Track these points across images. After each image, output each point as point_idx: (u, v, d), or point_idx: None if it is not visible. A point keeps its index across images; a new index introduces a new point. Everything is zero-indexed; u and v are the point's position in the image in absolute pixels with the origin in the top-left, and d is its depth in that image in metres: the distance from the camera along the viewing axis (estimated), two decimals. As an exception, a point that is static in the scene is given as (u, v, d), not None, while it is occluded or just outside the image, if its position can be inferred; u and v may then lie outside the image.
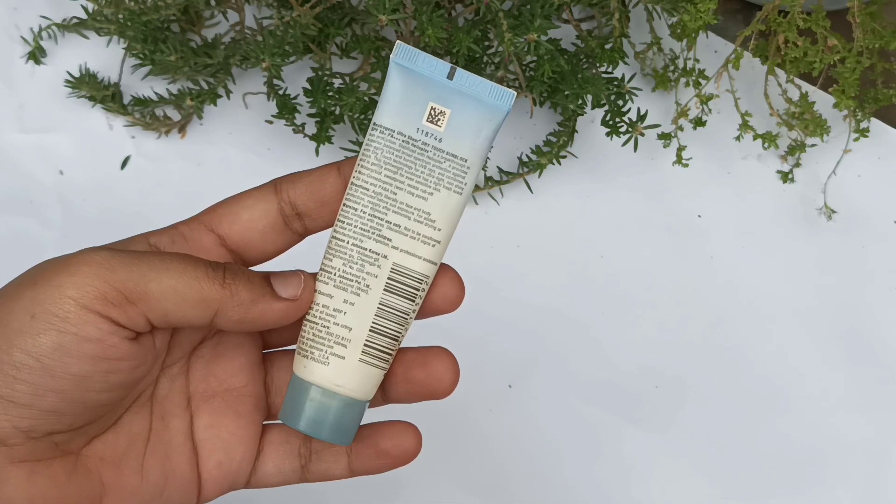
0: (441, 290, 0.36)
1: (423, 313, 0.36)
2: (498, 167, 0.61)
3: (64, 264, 0.31)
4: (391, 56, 0.35)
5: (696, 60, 0.61)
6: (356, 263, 0.35)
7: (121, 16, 0.60)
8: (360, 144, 0.58)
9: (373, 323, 0.35)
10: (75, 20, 0.63)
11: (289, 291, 0.34)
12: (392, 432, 0.37)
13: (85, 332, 0.31)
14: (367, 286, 0.35)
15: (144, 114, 0.62)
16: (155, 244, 0.35)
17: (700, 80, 0.60)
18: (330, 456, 0.37)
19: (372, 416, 0.37)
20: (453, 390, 0.36)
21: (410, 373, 0.36)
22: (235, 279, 0.33)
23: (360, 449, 0.37)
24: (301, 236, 0.36)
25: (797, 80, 0.60)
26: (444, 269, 0.36)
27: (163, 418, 0.35)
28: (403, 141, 0.35)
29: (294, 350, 0.36)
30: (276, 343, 0.38)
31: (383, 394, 0.37)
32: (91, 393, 0.32)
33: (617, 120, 0.57)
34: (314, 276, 0.35)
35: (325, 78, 0.58)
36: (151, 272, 0.32)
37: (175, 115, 0.63)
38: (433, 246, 0.35)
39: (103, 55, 0.64)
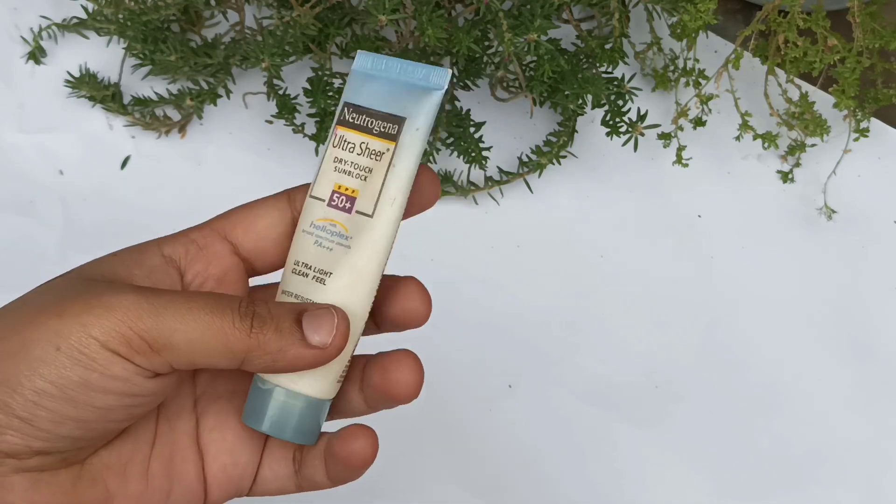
0: (404, 305, 0.35)
1: (387, 327, 0.36)
2: (498, 167, 0.61)
3: (91, 304, 0.31)
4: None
5: (696, 60, 0.61)
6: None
7: (121, 16, 0.60)
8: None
9: None
10: (75, 20, 0.63)
11: (320, 337, 0.33)
12: (345, 437, 0.35)
13: (111, 372, 0.31)
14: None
15: (144, 114, 0.62)
16: (169, 255, 0.34)
17: (700, 80, 0.60)
18: (315, 462, 0.36)
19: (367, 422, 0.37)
20: (416, 394, 0.35)
21: (372, 378, 0.35)
22: (264, 328, 0.32)
23: (329, 455, 0.36)
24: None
25: (797, 80, 0.60)
26: (408, 281, 0.35)
27: (169, 421, 0.35)
28: None
29: None
30: None
31: (365, 402, 0.36)
32: (111, 423, 0.32)
33: (617, 120, 0.57)
34: (345, 316, 0.34)
35: (325, 78, 0.58)
36: (177, 322, 0.31)
37: (175, 115, 0.63)
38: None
39: (103, 55, 0.64)
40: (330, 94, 0.57)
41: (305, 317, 0.33)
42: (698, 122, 0.60)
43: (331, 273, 0.34)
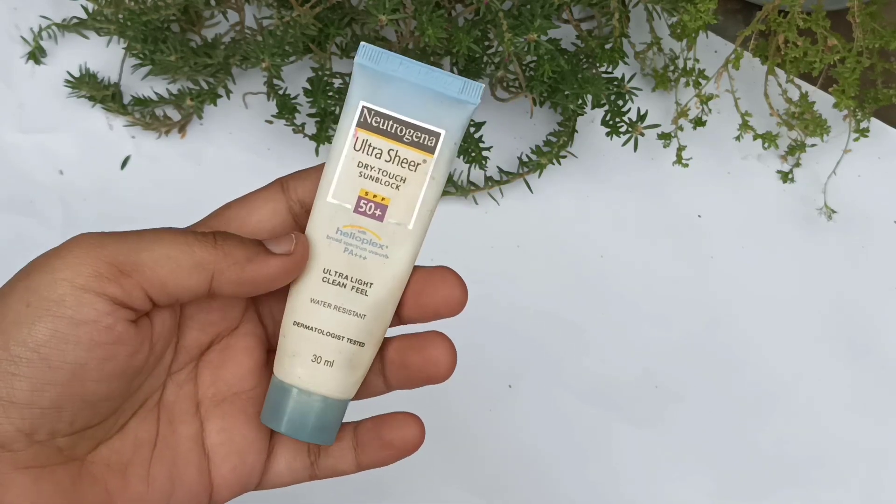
0: (442, 293, 0.35)
1: (424, 317, 0.36)
2: (498, 167, 0.61)
3: (55, 251, 0.31)
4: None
5: (696, 60, 0.61)
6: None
7: (121, 16, 0.60)
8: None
9: None
10: (75, 20, 0.63)
11: (282, 248, 0.34)
12: (395, 423, 0.36)
13: (81, 314, 0.30)
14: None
15: (144, 114, 0.62)
16: None
17: (700, 80, 0.60)
18: (337, 451, 0.37)
19: (375, 406, 0.38)
20: (451, 373, 0.36)
21: (407, 359, 0.36)
22: (226, 241, 0.33)
23: (365, 442, 0.37)
24: None
25: (797, 80, 0.60)
26: (444, 271, 0.36)
27: (170, 424, 0.35)
28: None
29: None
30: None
31: (385, 381, 0.37)
32: (89, 383, 0.31)
33: (617, 120, 0.57)
34: (302, 235, 0.35)
35: (325, 78, 0.58)
36: (142, 243, 0.32)
37: (175, 115, 0.63)
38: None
39: (103, 55, 0.64)
40: (330, 94, 0.57)
41: (265, 240, 0.34)
42: (698, 122, 0.60)
43: (371, 284, 0.35)
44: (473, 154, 0.59)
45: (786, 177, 0.62)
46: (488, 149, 0.59)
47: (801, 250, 0.61)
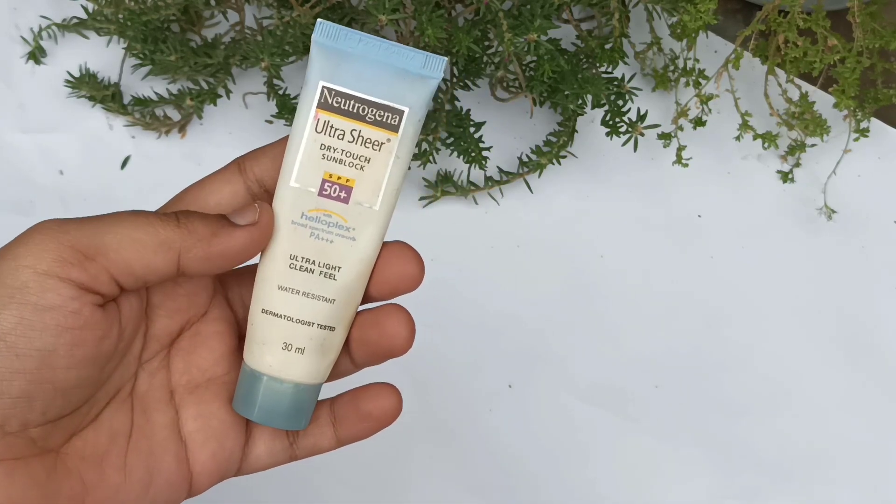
0: (396, 268, 0.35)
1: (382, 295, 0.36)
2: (498, 167, 0.61)
3: (17, 238, 0.31)
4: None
5: (696, 60, 0.61)
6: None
7: (121, 16, 0.60)
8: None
9: None
10: (75, 20, 0.63)
11: (247, 218, 0.33)
12: (371, 394, 0.36)
13: (46, 300, 0.30)
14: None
15: (144, 114, 0.62)
16: None
17: (700, 80, 0.60)
18: (315, 429, 0.37)
19: (352, 382, 0.37)
20: (410, 345, 0.35)
21: (366, 335, 0.35)
22: (189, 218, 0.33)
23: (343, 415, 0.36)
24: None
25: (797, 80, 0.60)
26: (397, 245, 0.35)
27: (145, 413, 0.35)
28: None
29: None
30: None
31: (351, 360, 0.37)
32: (59, 371, 0.31)
33: (617, 120, 0.57)
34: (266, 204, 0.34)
35: (325, 78, 0.58)
36: (105, 226, 0.31)
37: (175, 115, 0.63)
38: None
39: (103, 55, 0.64)
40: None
41: (228, 213, 0.34)
42: (698, 122, 0.60)
43: (340, 267, 0.34)
44: (473, 154, 0.59)
45: (786, 177, 0.62)
46: (488, 149, 0.59)
47: (801, 250, 0.61)
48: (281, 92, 0.59)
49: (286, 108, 0.58)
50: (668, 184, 0.62)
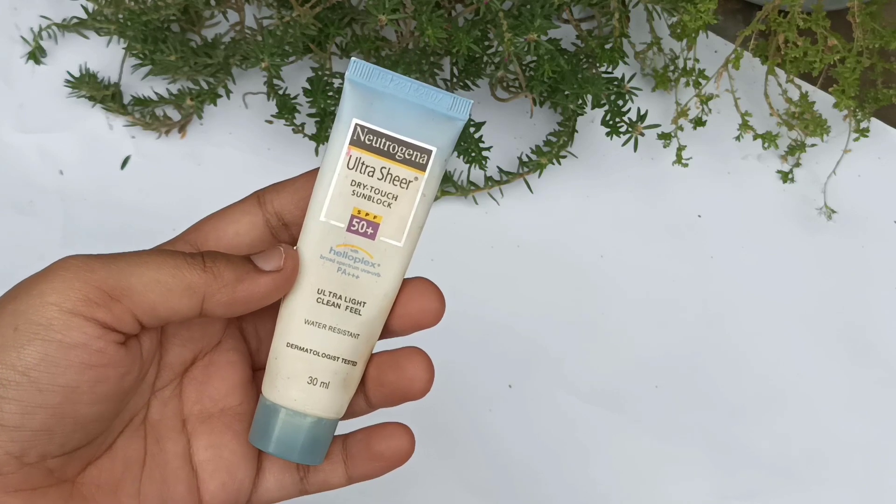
0: (419, 304, 0.35)
1: (402, 329, 0.36)
2: (498, 167, 0.61)
3: (42, 274, 0.31)
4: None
5: (696, 60, 0.61)
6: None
7: (121, 16, 0.60)
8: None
9: None
10: (75, 20, 0.63)
11: (272, 264, 0.33)
12: (384, 434, 0.36)
13: (70, 338, 0.30)
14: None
15: (144, 114, 0.62)
16: None
17: (700, 80, 0.60)
18: (327, 465, 0.37)
19: (365, 419, 0.37)
20: (429, 389, 0.35)
21: (384, 377, 0.35)
22: (216, 262, 0.33)
23: (355, 454, 0.36)
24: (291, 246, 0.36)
25: (797, 80, 0.60)
26: (419, 281, 0.35)
27: (158, 442, 0.35)
28: None
29: None
30: (265, 361, 0.38)
31: (366, 400, 0.37)
32: (81, 406, 0.31)
33: (617, 120, 0.57)
34: (292, 247, 0.34)
35: (325, 78, 0.58)
36: (131, 267, 0.31)
37: (175, 115, 0.63)
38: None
39: (103, 55, 0.64)
40: (330, 94, 0.57)
41: (253, 256, 0.34)
42: (698, 122, 0.60)
43: (364, 303, 0.35)
44: (473, 154, 0.59)
45: (786, 177, 0.62)
46: (488, 149, 0.59)
47: (801, 250, 0.61)
48: (281, 92, 0.59)
49: (286, 108, 0.58)
50: (668, 184, 0.62)
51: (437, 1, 0.57)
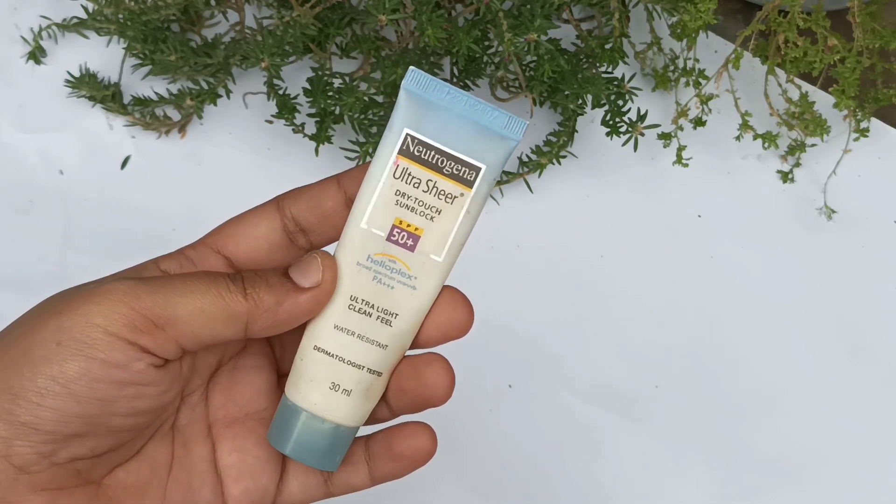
0: (448, 315, 0.35)
1: (429, 341, 0.36)
2: (498, 167, 0.61)
3: (89, 294, 0.31)
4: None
5: (696, 60, 0.61)
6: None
7: (121, 16, 0.60)
8: (360, 144, 0.58)
9: None
10: (75, 20, 0.63)
11: (311, 279, 0.33)
12: (404, 433, 0.36)
13: (113, 358, 0.31)
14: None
15: (144, 114, 0.62)
16: (165, 270, 0.34)
17: (700, 80, 0.60)
18: (350, 466, 0.37)
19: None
20: (450, 395, 0.35)
21: (404, 384, 0.35)
22: (256, 287, 0.33)
23: (377, 454, 0.36)
24: (307, 252, 0.36)
25: (797, 80, 0.60)
26: (450, 291, 0.35)
27: (185, 446, 0.35)
28: None
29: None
30: (290, 366, 0.38)
31: (388, 407, 0.37)
32: (116, 418, 0.31)
33: (617, 120, 0.57)
34: (328, 255, 0.34)
35: (325, 78, 0.58)
36: (176, 296, 0.32)
37: (175, 115, 0.63)
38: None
39: (103, 55, 0.64)
40: (330, 94, 0.57)
41: (291, 269, 0.33)
42: (698, 122, 0.60)
43: (397, 314, 0.34)
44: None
45: (786, 177, 0.62)
46: (488, 149, 0.59)
47: (800, 250, 0.61)
48: (281, 92, 0.59)
49: (286, 108, 0.58)
50: (668, 184, 0.62)
51: (437, 1, 0.57)
